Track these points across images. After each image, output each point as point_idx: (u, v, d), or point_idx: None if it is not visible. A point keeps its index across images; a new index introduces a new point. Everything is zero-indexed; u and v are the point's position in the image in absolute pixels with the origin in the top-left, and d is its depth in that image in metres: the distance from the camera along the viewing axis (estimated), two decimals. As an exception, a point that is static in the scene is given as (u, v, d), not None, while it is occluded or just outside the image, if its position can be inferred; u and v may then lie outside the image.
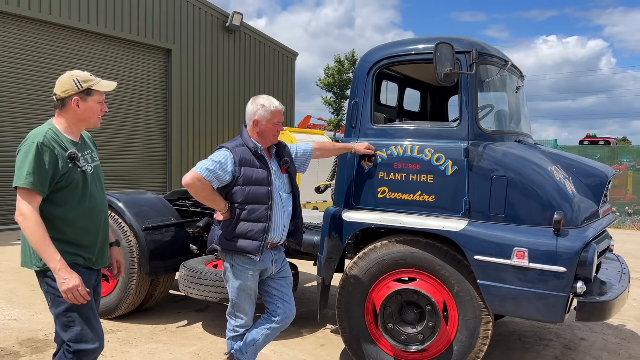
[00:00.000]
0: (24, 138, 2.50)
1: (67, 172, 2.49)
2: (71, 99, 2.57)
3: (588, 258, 3.11)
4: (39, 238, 2.38)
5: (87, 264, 2.58)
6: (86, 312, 2.55)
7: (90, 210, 2.60)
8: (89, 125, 2.69)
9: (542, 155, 3.64)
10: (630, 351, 4.56)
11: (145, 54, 12.64)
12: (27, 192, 2.39)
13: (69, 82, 2.59)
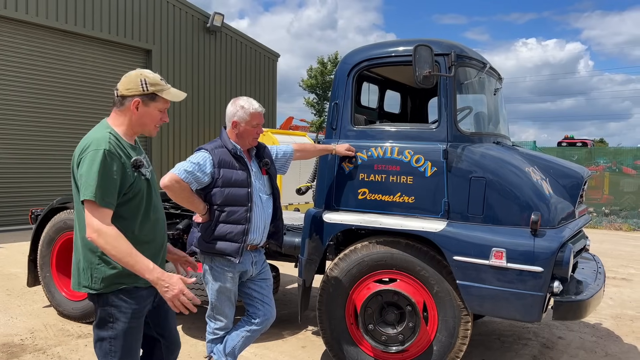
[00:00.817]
0: (83, 144, 2.24)
1: (133, 182, 2.26)
2: (132, 99, 2.32)
3: (564, 258, 3.16)
4: (124, 252, 2.12)
5: (148, 283, 2.28)
6: (130, 344, 2.33)
7: (155, 222, 2.40)
8: (144, 132, 2.43)
9: (519, 156, 3.69)
10: (607, 349, 4.64)
11: (124, 54, 12.50)
12: (97, 205, 2.13)
13: (135, 81, 2.33)
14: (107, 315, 2.28)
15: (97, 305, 2.31)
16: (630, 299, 6.38)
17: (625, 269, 8.20)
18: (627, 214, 13.74)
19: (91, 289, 2.26)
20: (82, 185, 2.15)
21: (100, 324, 2.31)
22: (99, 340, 2.32)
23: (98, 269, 2.24)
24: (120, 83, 2.36)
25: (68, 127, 11.33)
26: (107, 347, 2.30)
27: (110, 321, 2.28)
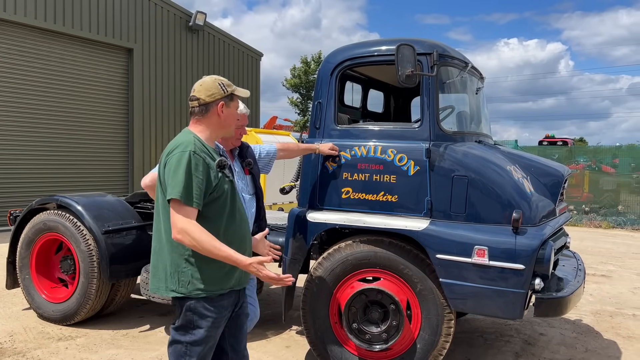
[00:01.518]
0: (170, 147, 2.32)
1: (218, 183, 2.32)
2: (217, 103, 2.41)
3: (545, 255, 3.20)
4: (212, 246, 2.18)
5: (233, 286, 2.38)
6: (205, 352, 2.37)
7: (239, 224, 2.43)
8: (227, 133, 2.57)
9: (501, 155, 3.72)
10: (587, 345, 4.71)
11: (106, 53, 12.35)
12: (182, 205, 2.19)
13: (215, 86, 2.43)
14: (189, 321, 2.33)
15: (180, 310, 2.35)
16: (609, 295, 6.49)
17: (604, 266, 8.33)
18: (606, 211, 13.97)
19: (178, 292, 2.30)
20: (169, 185, 2.23)
21: (181, 328, 2.35)
22: (175, 342, 2.37)
23: (185, 272, 2.29)
24: (197, 92, 2.43)
25: (47, 127, 11.16)
26: (182, 351, 2.35)
27: (192, 327, 2.33)
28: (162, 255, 2.34)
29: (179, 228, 2.19)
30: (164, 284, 2.33)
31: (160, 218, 2.35)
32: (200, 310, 2.32)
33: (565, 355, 4.46)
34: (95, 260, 4.60)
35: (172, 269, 2.30)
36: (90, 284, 4.62)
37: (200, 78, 2.55)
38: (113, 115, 12.56)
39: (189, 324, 2.33)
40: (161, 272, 2.34)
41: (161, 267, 2.34)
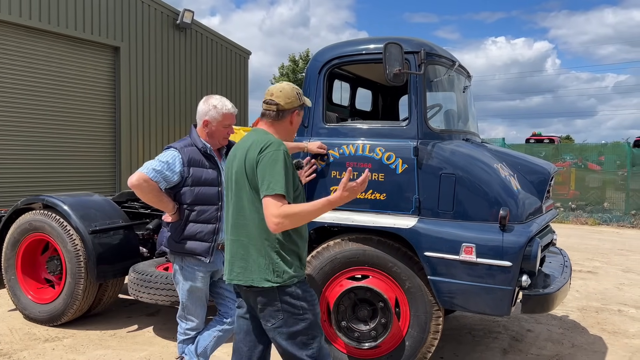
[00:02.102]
0: (260, 145, 2.38)
1: (296, 181, 2.46)
2: (292, 111, 2.53)
3: (532, 252, 3.22)
4: (312, 208, 2.29)
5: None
6: (320, 328, 2.50)
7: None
8: (289, 140, 2.68)
9: (488, 153, 3.74)
10: (573, 341, 4.76)
11: (92, 51, 12.22)
12: (281, 199, 2.28)
13: (294, 94, 2.53)
14: (296, 308, 2.40)
15: (280, 302, 2.39)
16: (595, 291, 6.56)
17: (590, 262, 8.43)
18: (592, 208, 14.12)
19: (274, 282, 2.37)
20: (268, 181, 2.30)
21: (290, 320, 2.40)
22: (290, 337, 2.40)
23: (278, 263, 2.38)
24: (276, 97, 2.51)
25: (33, 126, 11.02)
26: (304, 339, 2.41)
27: (300, 313, 2.41)
28: (253, 248, 2.41)
29: (280, 214, 2.25)
30: (257, 276, 2.39)
31: (247, 213, 2.42)
32: (302, 294, 2.43)
33: (552, 351, 4.51)
34: (83, 261, 4.56)
35: (265, 261, 2.38)
36: (77, 284, 4.58)
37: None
38: (100, 114, 12.44)
39: (297, 311, 2.41)
40: (253, 265, 2.41)
41: (252, 261, 2.41)
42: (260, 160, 2.35)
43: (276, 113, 2.51)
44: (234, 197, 2.47)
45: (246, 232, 2.43)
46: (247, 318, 2.59)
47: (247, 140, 2.50)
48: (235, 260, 2.46)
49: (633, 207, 13.57)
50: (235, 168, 2.47)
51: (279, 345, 2.44)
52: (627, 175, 13.81)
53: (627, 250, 9.77)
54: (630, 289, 6.76)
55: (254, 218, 2.40)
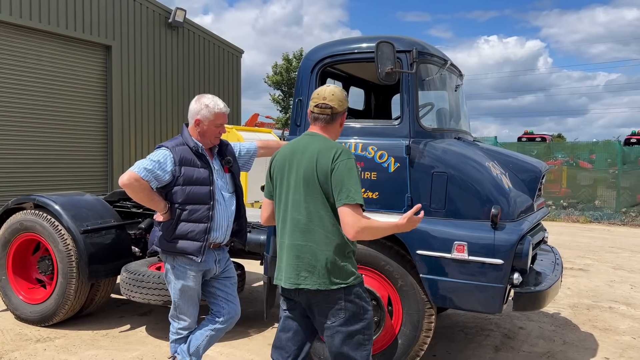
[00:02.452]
0: (331, 152, 2.44)
1: None
2: (342, 114, 2.62)
3: (524, 250, 3.24)
4: (384, 227, 2.45)
5: None
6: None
7: None
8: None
9: (480, 152, 3.76)
10: (565, 337, 4.79)
11: (83, 50, 12.15)
12: (360, 209, 2.38)
13: (344, 97, 2.60)
14: (359, 307, 2.50)
15: (344, 301, 2.46)
16: (586, 289, 6.61)
17: (582, 260, 8.49)
18: (584, 206, 14.21)
19: (343, 283, 2.46)
20: (347, 190, 2.37)
21: (352, 319, 2.47)
22: (348, 336, 2.47)
23: (344, 266, 2.47)
24: (330, 101, 2.56)
25: (24, 125, 10.94)
26: (361, 339, 2.49)
27: (361, 312, 2.50)
28: (321, 253, 2.45)
29: (361, 227, 2.35)
30: (327, 279, 2.45)
31: (316, 218, 2.46)
32: (363, 295, 2.55)
33: (543, 348, 4.54)
34: (74, 260, 4.53)
35: (333, 265, 2.45)
36: (68, 284, 4.55)
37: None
38: (91, 114, 12.37)
39: (359, 310, 2.50)
40: (321, 269, 2.45)
41: (319, 265, 2.45)
42: (335, 168, 2.40)
43: (330, 117, 2.58)
44: (300, 201, 2.48)
45: (314, 237, 2.47)
46: (295, 318, 2.64)
47: (310, 144, 2.52)
48: (301, 264, 2.47)
49: (624, 205, 13.68)
50: (302, 172, 2.48)
51: (333, 344, 2.49)
52: (618, 173, 13.91)
53: (617, 247, 9.84)
54: (621, 286, 6.81)
55: (324, 224, 2.45)
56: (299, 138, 2.64)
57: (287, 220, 2.52)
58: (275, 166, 2.64)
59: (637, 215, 13.34)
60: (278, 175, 2.61)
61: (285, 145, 2.66)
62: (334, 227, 2.45)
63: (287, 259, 2.52)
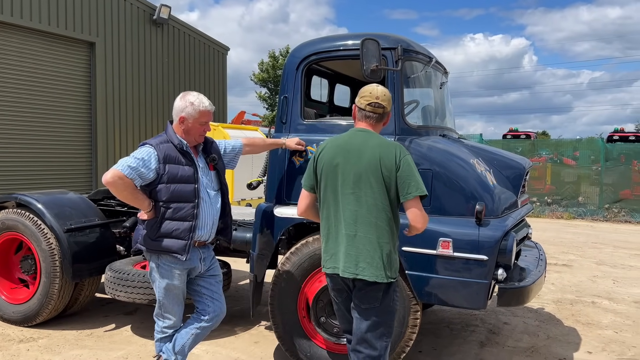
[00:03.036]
0: (392, 149, 2.65)
1: None
2: (389, 115, 2.85)
3: (508, 246, 3.27)
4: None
5: None
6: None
7: None
8: None
9: (465, 149, 3.78)
10: (548, 332, 4.85)
11: (66, 47, 11.99)
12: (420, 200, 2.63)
13: (390, 97, 2.82)
14: (392, 301, 2.71)
15: (385, 294, 2.66)
16: (570, 284, 6.69)
17: (565, 256, 8.59)
18: (567, 203, 14.38)
19: (392, 277, 2.66)
20: (416, 182, 2.61)
21: (383, 311, 2.67)
22: (376, 325, 2.67)
23: (395, 259, 2.68)
24: (382, 101, 2.75)
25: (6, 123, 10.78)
26: (384, 331, 2.69)
27: (392, 306, 2.71)
28: (378, 246, 2.61)
29: (427, 218, 2.67)
30: (383, 272, 2.61)
31: (377, 212, 2.61)
32: (397, 288, 2.78)
33: (528, 343, 4.59)
34: (58, 260, 4.48)
35: (387, 258, 2.62)
36: (52, 283, 4.50)
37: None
38: (75, 111, 12.23)
39: (391, 304, 2.72)
40: (378, 262, 2.60)
41: (377, 258, 2.60)
42: (401, 165, 2.61)
43: (380, 116, 2.76)
44: (360, 194, 2.62)
45: (376, 230, 2.61)
46: (345, 302, 2.82)
47: (367, 140, 2.69)
48: (361, 255, 2.61)
49: (607, 201, 13.87)
50: (363, 167, 2.62)
51: (360, 328, 2.69)
52: (601, 170, 14.10)
53: (600, 243, 9.98)
54: (604, 281, 6.91)
55: (384, 217, 2.62)
56: (350, 134, 2.78)
57: (344, 212, 2.65)
58: (324, 161, 2.73)
59: (620, 211, 13.54)
60: (328, 169, 2.71)
61: (332, 141, 2.80)
62: (392, 221, 2.65)
63: (345, 249, 2.65)
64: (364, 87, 2.89)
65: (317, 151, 2.81)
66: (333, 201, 2.70)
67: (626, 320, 5.27)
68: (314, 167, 2.79)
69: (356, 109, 2.86)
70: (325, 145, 2.79)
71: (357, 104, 2.83)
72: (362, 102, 2.79)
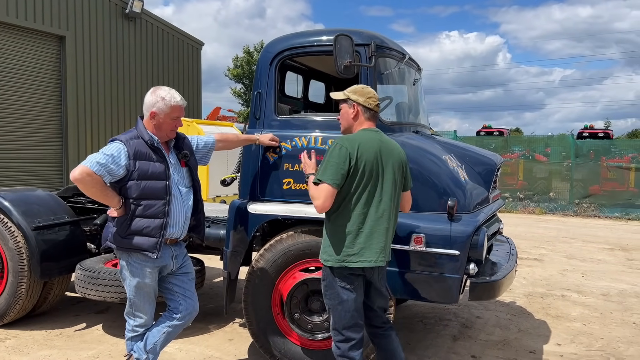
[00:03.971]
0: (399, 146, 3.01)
1: None
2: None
3: (479, 241, 3.31)
4: None
5: None
6: None
7: None
8: None
9: (437, 145, 3.81)
10: (520, 326, 4.94)
11: (35, 41, 11.69)
12: None
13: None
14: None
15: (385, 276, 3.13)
16: (541, 278, 6.83)
17: (537, 250, 8.76)
18: (539, 198, 14.66)
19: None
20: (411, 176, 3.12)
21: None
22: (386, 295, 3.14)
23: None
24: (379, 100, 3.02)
25: (-28, 118, 10.49)
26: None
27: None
28: (394, 233, 3.00)
29: None
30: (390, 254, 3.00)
31: (396, 205, 2.94)
32: None
33: (500, 336, 4.66)
34: (25, 258, 4.38)
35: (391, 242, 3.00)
36: (20, 283, 4.40)
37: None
38: (45, 107, 11.94)
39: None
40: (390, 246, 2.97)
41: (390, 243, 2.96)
42: (407, 161, 3.03)
43: (372, 113, 2.98)
44: (391, 192, 2.86)
45: (395, 222, 2.96)
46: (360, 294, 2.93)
47: (389, 140, 2.97)
48: (388, 245, 2.91)
49: (577, 196, 14.17)
50: (396, 166, 2.89)
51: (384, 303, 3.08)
52: (572, 166, 14.40)
53: (570, 237, 10.21)
54: (573, 274, 7.07)
55: (398, 209, 2.99)
56: (373, 134, 2.91)
57: (384, 208, 2.84)
58: (364, 159, 2.78)
59: (589, 207, 13.86)
60: (372, 168, 2.80)
61: (365, 139, 2.83)
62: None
63: (385, 242, 2.86)
64: (358, 87, 2.98)
65: (352, 149, 2.77)
66: (374, 198, 2.82)
67: (594, 312, 5.40)
68: (349, 165, 2.76)
69: (359, 109, 2.92)
70: (359, 144, 2.80)
71: (363, 104, 2.90)
72: (370, 102, 2.91)
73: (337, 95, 3.04)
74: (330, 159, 2.77)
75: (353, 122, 2.96)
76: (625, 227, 11.98)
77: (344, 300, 2.86)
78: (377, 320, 3.07)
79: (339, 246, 2.81)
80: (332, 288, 2.88)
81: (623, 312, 5.45)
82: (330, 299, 2.91)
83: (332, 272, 2.86)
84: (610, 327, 4.95)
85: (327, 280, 2.92)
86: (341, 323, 2.88)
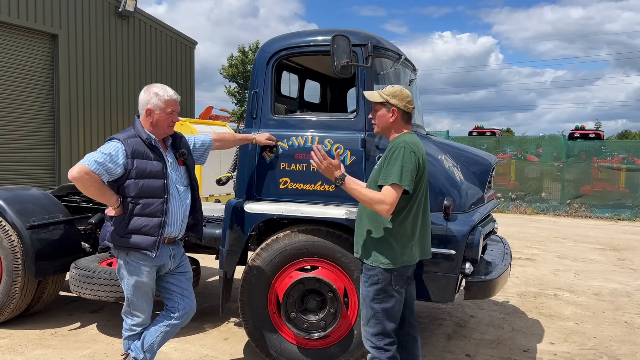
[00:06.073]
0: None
1: None
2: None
3: (475, 240, 3.34)
4: None
5: None
6: None
7: None
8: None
9: (433, 145, 3.83)
10: (513, 325, 4.98)
11: (27, 39, 11.62)
12: None
13: None
14: None
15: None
16: (533, 277, 6.88)
17: (529, 250, 8.82)
18: (531, 198, 14.75)
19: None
20: None
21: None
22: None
23: None
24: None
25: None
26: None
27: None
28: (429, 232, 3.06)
29: None
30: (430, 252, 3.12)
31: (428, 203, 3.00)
32: None
33: (493, 335, 4.70)
34: (20, 257, 4.36)
35: None
36: (14, 282, 4.38)
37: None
38: (37, 105, 11.86)
39: None
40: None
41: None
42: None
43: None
44: (428, 191, 2.97)
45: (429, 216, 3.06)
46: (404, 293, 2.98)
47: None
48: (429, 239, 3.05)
49: (568, 196, 14.28)
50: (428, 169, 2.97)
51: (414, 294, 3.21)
52: (563, 166, 14.50)
53: (562, 237, 10.29)
54: (565, 274, 7.13)
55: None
56: (419, 138, 2.96)
57: (427, 207, 2.98)
58: (424, 163, 2.87)
59: (580, 207, 13.97)
60: (426, 171, 2.90)
61: (421, 144, 2.89)
62: None
63: (426, 239, 2.99)
64: (397, 90, 2.90)
65: (419, 155, 2.81)
66: (424, 200, 2.92)
67: (586, 311, 5.46)
68: (418, 169, 2.80)
69: (398, 113, 2.87)
70: (421, 147, 2.86)
71: (403, 108, 2.87)
72: (409, 106, 2.90)
73: (374, 96, 2.95)
74: (405, 164, 2.73)
75: (392, 125, 2.91)
76: (615, 227, 12.09)
77: (398, 301, 2.90)
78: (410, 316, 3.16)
79: (402, 247, 2.84)
80: (386, 292, 2.85)
81: (615, 311, 5.50)
82: (382, 302, 2.86)
83: (391, 275, 2.83)
84: (603, 326, 5.01)
85: (382, 284, 2.84)
86: (390, 326, 2.88)
